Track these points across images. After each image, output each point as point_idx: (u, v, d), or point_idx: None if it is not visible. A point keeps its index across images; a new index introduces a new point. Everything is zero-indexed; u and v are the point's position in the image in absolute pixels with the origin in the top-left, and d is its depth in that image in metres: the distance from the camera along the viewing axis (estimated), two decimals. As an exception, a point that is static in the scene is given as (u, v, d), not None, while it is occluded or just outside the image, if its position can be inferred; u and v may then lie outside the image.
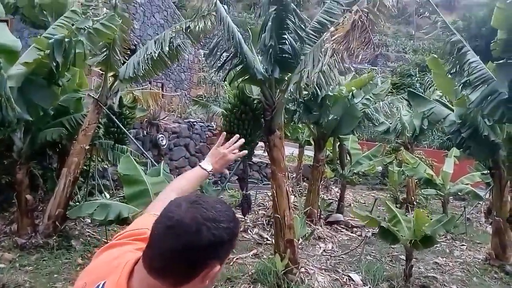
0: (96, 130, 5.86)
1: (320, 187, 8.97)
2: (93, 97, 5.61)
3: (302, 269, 5.13)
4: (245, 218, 7.97)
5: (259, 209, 8.59)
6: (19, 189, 5.69)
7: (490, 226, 7.94)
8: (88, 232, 6.35)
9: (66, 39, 3.56)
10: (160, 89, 12.82)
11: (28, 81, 3.68)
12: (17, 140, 5.59)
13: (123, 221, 4.60)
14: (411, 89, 7.44)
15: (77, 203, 6.46)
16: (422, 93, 7.64)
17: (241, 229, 7.42)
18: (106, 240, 5.87)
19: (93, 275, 0.98)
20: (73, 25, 3.78)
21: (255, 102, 4.85)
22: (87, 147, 5.78)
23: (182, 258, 0.87)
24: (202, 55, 18.77)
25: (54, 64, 3.55)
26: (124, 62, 5.91)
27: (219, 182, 11.04)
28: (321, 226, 7.76)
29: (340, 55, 3.36)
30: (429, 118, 6.56)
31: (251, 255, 6.10)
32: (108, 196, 7.18)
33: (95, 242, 6.00)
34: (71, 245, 5.61)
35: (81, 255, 5.43)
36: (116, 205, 4.71)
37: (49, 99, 4.04)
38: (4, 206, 6.30)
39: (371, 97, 7.06)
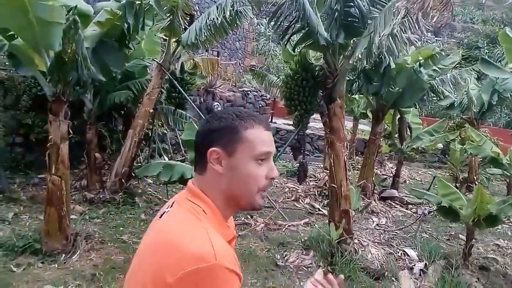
0: (159, 95, 6.08)
1: (375, 161, 8.76)
2: (157, 62, 5.79)
3: (356, 241, 5.12)
4: (297, 187, 8.03)
5: (310, 180, 8.59)
6: (89, 148, 6.11)
7: (560, 211, 7.38)
8: (150, 191, 6.72)
9: (137, 1, 3.66)
10: (216, 57, 12.93)
11: (101, 42, 3.85)
12: (87, 101, 5.95)
13: (185, 182, 4.81)
14: (484, 56, 6.90)
15: (140, 164, 6.84)
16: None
17: (293, 198, 7.50)
18: (166, 199, 6.20)
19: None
20: (142, -12, 3.86)
21: (316, 69, 4.75)
22: (151, 110, 6.03)
23: (195, 147, 1.08)
24: (256, 24, 18.58)
25: (126, 26, 3.68)
26: (185, 29, 6.00)
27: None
28: (374, 200, 7.63)
29: (414, 16, 3.16)
30: (503, 87, 6.08)
31: (303, 224, 6.17)
32: (167, 159, 7.50)
33: (156, 200, 6.35)
34: (135, 202, 5.98)
35: (144, 212, 5.78)
36: (180, 167, 4.91)
37: (120, 62, 4.22)
38: (75, 164, 6.79)
39: (438, 68, 6.64)
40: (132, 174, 6.16)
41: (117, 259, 4.30)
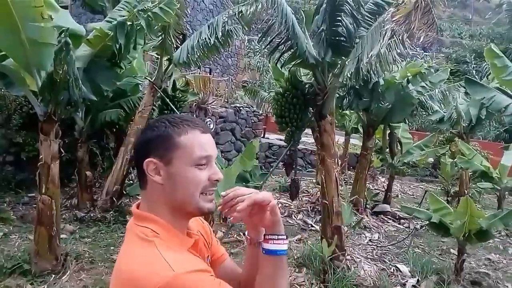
0: (151, 112, 6.10)
1: (367, 176, 8.81)
2: (149, 80, 5.84)
3: (349, 257, 5.11)
4: (290, 203, 8.02)
5: (303, 196, 8.59)
6: (80, 166, 6.09)
7: (550, 224, 7.46)
8: (142, 209, 6.66)
9: (128, 22, 3.71)
10: (209, 74, 13.04)
11: (92, 62, 3.89)
12: (79, 119, 5.96)
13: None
14: (469, 76, 7.04)
15: (132, 182, 6.81)
16: (479, 81, 7.22)
17: (285, 214, 7.49)
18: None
19: None
20: (134, 8, 3.92)
21: (306, 86, 4.82)
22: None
23: (134, 161, 1.09)
24: (247, 40, 18.80)
25: (117, 46, 3.72)
26: (177, 47, 6.07)
27: (263, 167, 11.15)
28: (367, 215, 7.65)
29: (400, 36, 3.25)
30: (489, 107, 6.19)
31: (295, 240, 6.15)
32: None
33: (148, 218, 6.29)
34: (127, 220, 5.89)
35: (135, 230, 5.73)
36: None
37: (111, 81, 4.26)
38: (65, 182, 6.74)
39: (427, 84, 6.76)
40: (124, 192, 6.13)
41: (107, 279, 4.25)
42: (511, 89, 6.03)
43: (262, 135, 13.31)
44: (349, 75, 3.76)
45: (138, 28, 4.04)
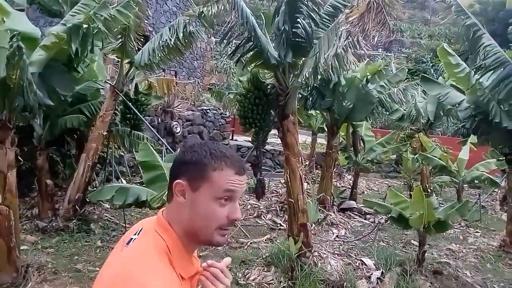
0: (113, 117, 5.99)
1: (333, 174, 8.99)
2: (110, 83, 5.72)
3: (315, 253, 5.20)
4: (259, 203, 8.07)
5: (272, 196, 8.67)
6: (40, 174, 5.88)
7: (505, 214, 7.88)
8: (107, 216, 6.53)
9: (84, 25, 3.63)
10: (174, 77, 12.91)
11: (48, 67, 3.77)
12: (37, 126, 5.76)
13: (141, 204, 4.73)
14: (424, 75, 7.36)
15: (96, 189, 6.64)
16: (436, 79, 7.56)
17: (255, 215, 7.54)
18: (124, 224, 6.04)
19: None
20: (90, 10, 3.84)
21: (268, 87, 4.88)
22: (105, 133, 5.92)
23: (169, 174, 1.11)
24: (214, 43, 18.77)
25: (73, 49, 3.64)
26: (139, 49, 5.99)
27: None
28: (334, 212, 7.81)
29: (355, 37, 3.36)
30: (444, 102, 6.50)
31: (265, 240, 6.20)
32: (125, 182, 7.33)
33: (113, 226, 6.17)
34: (91, 229, 5.78)
35: (100, 238, 5.60)
36: (135, 189, 4.83)
37: (69, 85, 4.14)
38: (25, 191, 6.50)
39: (385, 83, 7.00)
40: (87, 200, 5.97)
41: (71, 289, 4.14)
42: (464, 86, 6.35)
43: (230, 137, 13.31)
44: (307, 75, 3.84)
45: (95, 31, 3.96)
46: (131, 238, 1.05)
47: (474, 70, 5.28)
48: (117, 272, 0.96)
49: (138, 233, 1.05)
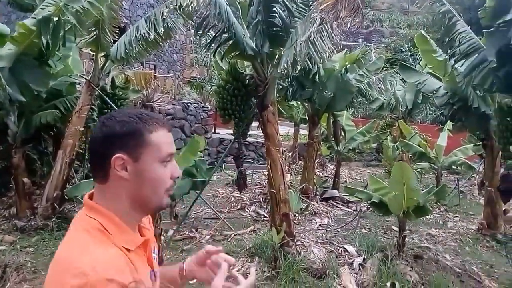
0: (89, 112, 5.87)
1: (316, 164, 9.06)
2: (85, 78, 5.60)
3: (298, 242, 5.24)
4: (242, 196, 8.08)
5: (255, 188, 8.69)
6: (16, 173, 5.74)
7: (483, 198, 8.09)
8: (87, 213, 6.41)
9: (54, 18, 3.53)
10: (153, 70, 12.73)
11: (19, 61, 3.67)
12: (11, 124, 5.59)
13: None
14: (403, 62, 7.44)
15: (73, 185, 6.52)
16: (414, 67, 7.65)
17: (238, 207, 7.55)
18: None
19: None
20: (61, 3, 3.73)
21: (247, 78, 4.86)
22: (82, 129, 5.80)
23: (91, 154, 1.04)
24: (194, 36, 18.58)
25: (44, 43, 3.53)
26: (115, 42, 5.87)
27: (215, 162, 11.12)
28: (317, 202, 7.88)
29: (329, 25, 3.36)
30: (422, 89, 6.59)
31: (249, 232, 6.22)
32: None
33: (94, 223, 6.07)
34: (70, 226, 5.69)
35: (81, 235, 5.51)
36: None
37: (41, 80, 4.04)
38: (2, 191, 6.35)
39: (364, 72, 7.05)
40: (66, 197, 5.86)
41: (51, 288, 4.06)
42: (441, 73, 6.44)
43: (212, 131, 13.24)
44: (285, 65, 3.83)
45: (69, 27, 3.86)
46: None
47: (450, 56, 5.35)
48: (53, 261, 0.96)
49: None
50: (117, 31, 5.92)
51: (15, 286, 4.12)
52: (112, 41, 5.73)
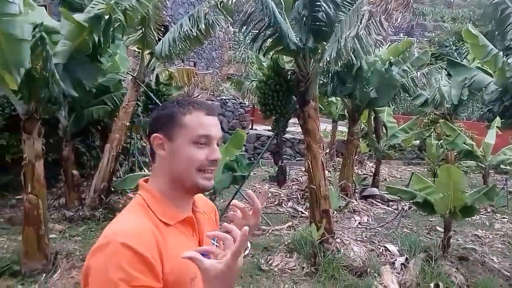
0: (135, 107, 6.07)
1: (355, 161, 8.89)
2: (131, 74, 5.79)
3: (338, 240, 5.18)
4: (280, 191, 8.08)
5: (292, 184, 8.66)
6: (66, 165, 6.04)
7: (533, 199, 7.65)
8: (131, 204, 6.65)
9: (105, 16, 3.67)
10: (193, 67, 12.96)
11: (72, 57, 3.83)
12: (62, 118, 5.89)
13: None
14: (450, 58, 7.14)
15: (119, 178, 6.78)
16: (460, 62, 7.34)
17: (276, 203, 7.56)
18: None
19: None
20: (111, 1, 3.87)
21: (289, 73, 4.84)
22: (128, 123, 6.01)
23: (147, 135, 1.21)
24: (232, 33, 18.72)
25: (96, 40, 3.68)
26: (159, 40, 6.02)
27: (252, 158, 11.18)
28: (356, 200, 7.75)
29: (378, 18, 3.28)
30: (471, 87, 6.30)
31: (286, 227, 6.22)
32: (147, 172, 7.45)
33: (138, 213, 6.28)
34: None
35: (126, 225, 5.72)
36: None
37: (93, 76, 4.20)
38: (52, 182, 6.68)
39: (408, 67, 6.83)
40: (112, 189, 6.11)
41: (99, 275, 4.24)
42: (491, 68, 6.14)
43: (250, 127, 13.32)
44: (329, 60, 3.78)
45: (118, 24, 3.99)
46: None
47: (502, 51, 5.09)
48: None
49: None
50: (162, 29, 6.08)
51: (65, 272, 4.32)
52: (156, 39, 5.88)
